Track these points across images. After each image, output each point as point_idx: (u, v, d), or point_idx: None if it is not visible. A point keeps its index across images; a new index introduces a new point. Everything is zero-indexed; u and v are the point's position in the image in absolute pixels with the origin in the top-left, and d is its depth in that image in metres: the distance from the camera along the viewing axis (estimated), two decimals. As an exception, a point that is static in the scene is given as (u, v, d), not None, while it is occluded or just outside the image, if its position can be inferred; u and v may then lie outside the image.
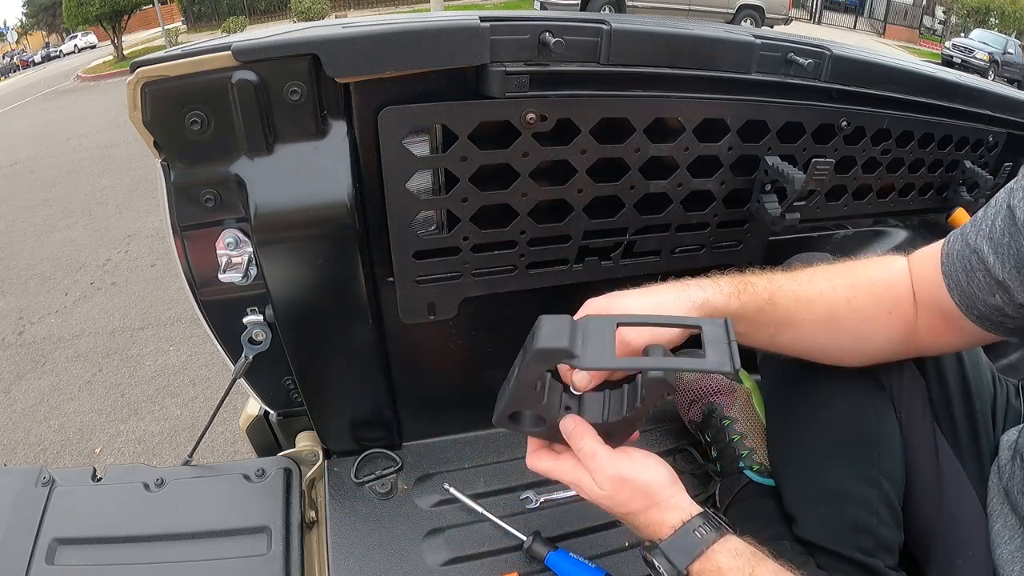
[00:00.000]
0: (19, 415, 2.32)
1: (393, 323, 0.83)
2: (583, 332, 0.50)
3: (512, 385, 0.54)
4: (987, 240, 0.54)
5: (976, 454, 0.67)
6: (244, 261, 0.72)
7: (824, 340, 0.64)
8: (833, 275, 0.63)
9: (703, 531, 0.52)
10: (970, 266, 0.56)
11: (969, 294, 0.56)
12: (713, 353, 0.48)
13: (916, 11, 17.67)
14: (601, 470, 0.54)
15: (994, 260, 0.53)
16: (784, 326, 0.62)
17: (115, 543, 0.74)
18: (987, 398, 0.69)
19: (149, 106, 0.61)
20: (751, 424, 0.86)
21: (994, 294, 0.54)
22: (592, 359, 0.49)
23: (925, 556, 0.68)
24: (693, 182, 0.83)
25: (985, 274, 0.54)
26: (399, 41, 0.62)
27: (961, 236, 0.58)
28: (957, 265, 0.57)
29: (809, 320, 0.62)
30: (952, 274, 0.57)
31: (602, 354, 0.49)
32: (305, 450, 0.90)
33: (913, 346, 0.64)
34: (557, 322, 0.51)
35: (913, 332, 0.62)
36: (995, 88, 1.06)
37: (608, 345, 0.50)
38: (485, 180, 0.73)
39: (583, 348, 0.49)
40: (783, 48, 0.80)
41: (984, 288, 0.55)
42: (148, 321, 2.90)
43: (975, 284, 0.55)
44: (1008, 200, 0.53)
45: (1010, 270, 0.52)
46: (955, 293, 0.57)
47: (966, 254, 0.56)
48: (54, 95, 11.97)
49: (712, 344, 0.49)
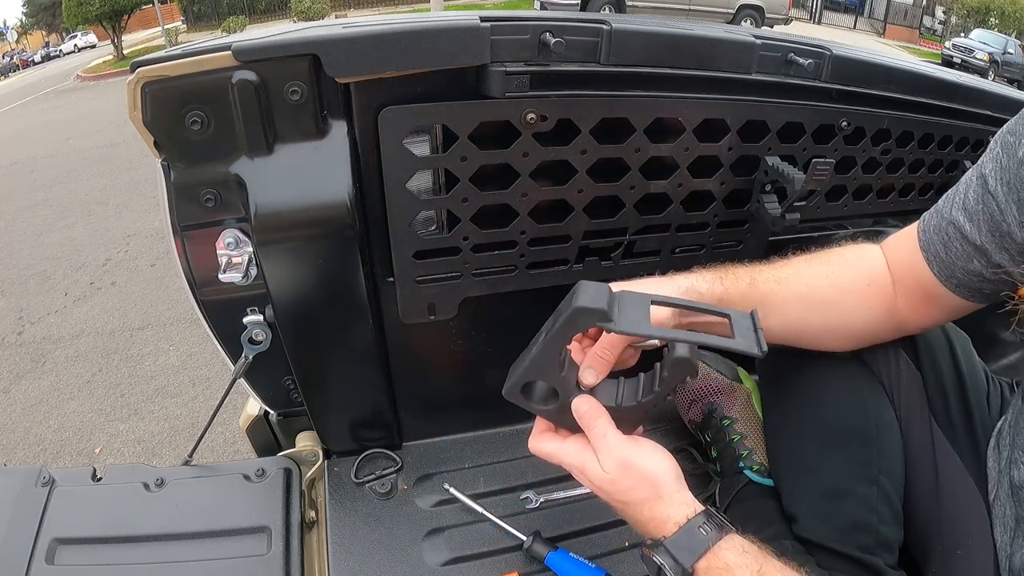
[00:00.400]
0: (19, 415, 2.32)
1: (393, 323, 0.83)
2: (619, 301, 0.53)
3: (539, 348, 0.55)
4: (962, 211, 0.58)
5: (973, 446, 0.67)
6: (244, 261, 0.72)
7: (812, 319, 0.66)
8: (810, 259, 0.67)
9: (708, 528, 0.51)
10: (947, 237, 0.59)
11: (948, 263, 0.59)
12: (742, 338, 0.51)
13: (916, 11, 17.67)
14: (609, 451, 0.54)
15: (970, 227, 0.56)
16: (770, 308, 0.63)
17: (115, 543, 0.74)
18: (981, 393, 0.70)
19: (149, 106, 0.61)
20: (751, 424, 0.86)
21: (972, 260, 0.57)
22: (627, 324, 0.51)
23: (924, 551, 0.68)
24: (693, 182, 0.83)
25: (962, 242, 0.57)
26: (399, 41, 0.62)
27: (935, 212, 0.61)
28: (935, 238, 0.60)
29: (793, 298, 0.64)
30: (930, 247, 0.60)
31: (638, 321, 0.51)
32: (305, 450, 0.90)
33: (895, 322, 0.66)
34: (597, 287, 0.53)
35: (893, 307, 0.65)
36: (995, 88, 1.06)
37: (643, 315, 0.52)
38: (485, 180, 0.73)
39: (619, 315, 0.52)
40: (783, 48, 0.80)
41: (962, 255, 0.58)
42: (148, 321, 2.90)
43: (953, 253, 0.58)
44: (979, 170, 0.57)
45: (985, 234, 0.55)
46: (934, 265, 0.60)
47: (942, 226, 0.59)
48: (54, 95, 11.97)
49: (740, 331, 0.52)
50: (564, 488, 0.88)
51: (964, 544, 0.63)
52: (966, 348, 0.72)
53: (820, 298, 0.64)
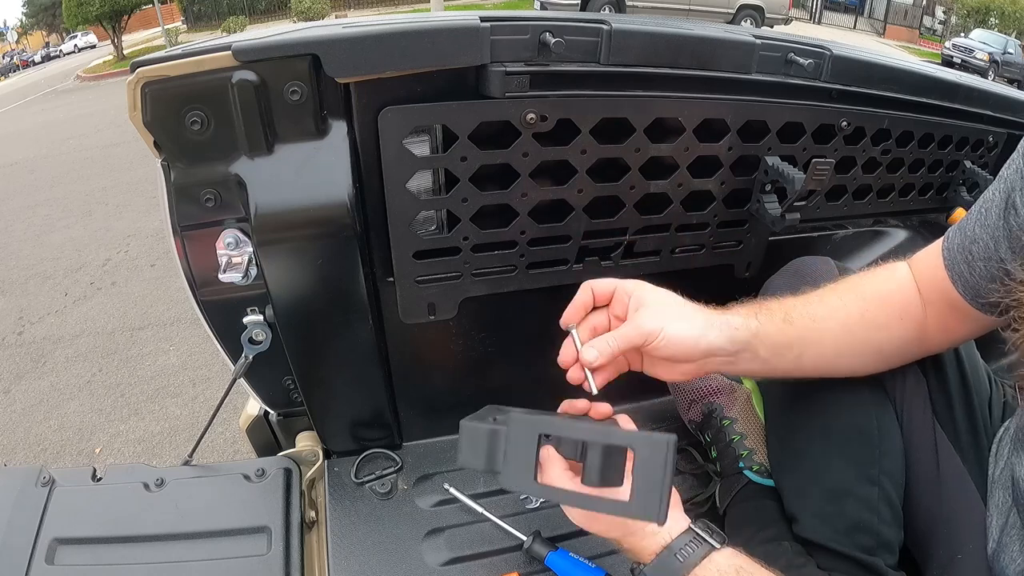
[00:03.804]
0: (19, 415, 2.32)
1: (393, 323, 0.83)
2: (507, 439, 0.48)
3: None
4: (983, 226, 0.56)
5: (976, 449, 0.67)
6: (244, 261, 0.72)
7: (845, 355, 0.65)
8: (842, 291, 0.65)
9: (687, 551, 0.53)
10: (970, 256, 0.58)
11: (972, 284, 0.58)
12: (641, 491, 0.43)
13: (916, 11, 17.67)
14: (569, 508, 0.56)
15: (993, 244, 0.55)
16: (806, 346, 0.63)
17: (115, 543, 0.74)
18: (985, 396, 0.70)
19: (149, 106, 0.61)
20: (751, 424, 0.86)
21: (994, 280, 0.56)
22: (511, 479, 0.47)
23: (925, 553, 0.68)
24: (693, 182, 0.83)
25: (985, 261, 0.56)
26: (399, 41, 0.62)
27: (959, 230, 0.60)
28: (958, 257, 0.59)
29: (830, 338, 0.63)
30: (954, 267, 0.59)
31: (521, 474, 0.47)
32: (305, 450, 0.90)
33: (923, 347, 0.66)
34: (476, 435, 0.50)
35: (923, 332, 0.64)
36: (995, 88, 1.06)
37: (529, 463, 0.47)
38: (485, 180, 0.73)
39: (505, 461, 0.47)
40: (783, 48, 0.80)
41: (985, 275, 0.57)
42: (148, 321, 2.90)
43: (977, 272, 0.57)
44: (1003, 184, 0.55)
45: (1005, 250, 0.54)
46: (959, 284, 0.59)
47: (965, 245, 0.58)
48: (54, 95, 11.97)
49: (642, 477, 0.43)
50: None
51: (965, 548, 0.63)
52: (970, 350, 0.72)
53: (856, 338, 0.64)
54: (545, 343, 0.93)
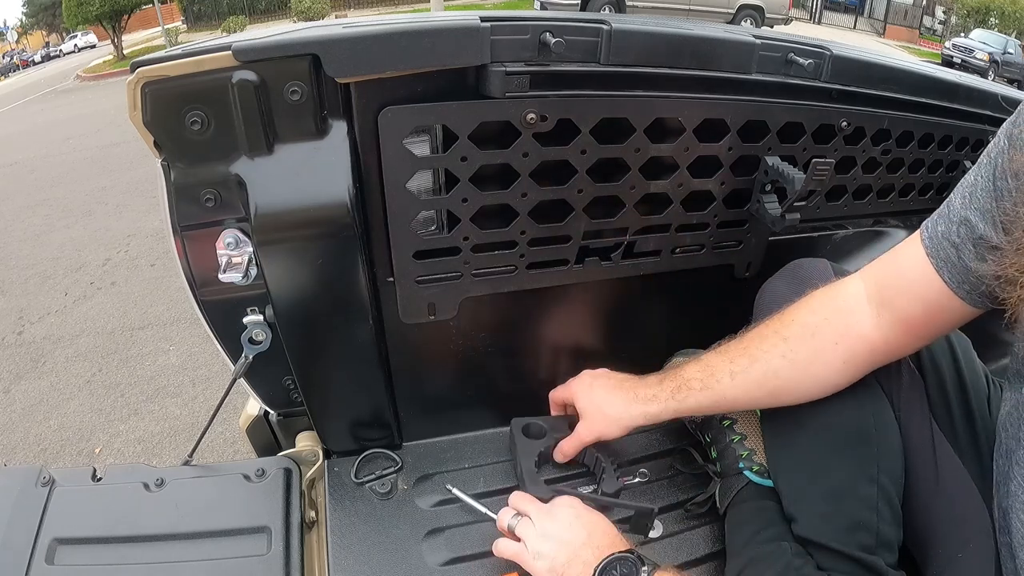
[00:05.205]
0: (19, 415, 2.32)
1: (393, 323, 0.83)
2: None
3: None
4: (972, 209, 0.57)
5: (974, 448, 0.67)
6: (244, 261, 0.72)
7: (783, 398, 0.70)
8: (767, 334, 0.69)
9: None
10: (959, 238, 0.58)
11: (961, 267, 0.58)
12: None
13: (916, 11, 17.68)
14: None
15: (983, 225, 0.55)
16: (734, 406, 0.73)
17: (115, 543, 0.74)
18: (982, 395, 0.70)
19: (149, 106, 0.61)
20: (752, 425, 0.86)
21: (984, 259, 0.56)
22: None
23: (925, 553, 0.68)
24: (693, 182, 0.83)
25: (975, 241, 0.56)
26: (399, 41, 0.62)
27: (943, 217, 0.60)
28: (944, 243, 0.59)
29: (754, 389, 0.69)
30: (940, 252, 0.59)
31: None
32: (305, 450, 0.90)
33: (881, 356, 0.67)
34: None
35: (872, 344, 0.65)
36: (995, 88, 1.06)
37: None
38: (485, 180, 0.73)
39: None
40: (783, 48, 0.80)
41: (974, 256, 0.57)
42: (148, 321, 2.90)
43: (966, 255, 0.57)
44: (990, 167, 0.57)
45: (1000, 232, 0.55)
46: (945, 271, 0.59)
47: (952, 228, 0.58)
48: (54, 95, 11.97)
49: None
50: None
51: (965, 547, 0.63)
52: (967, 350, 0.72)
53: (786, 378, 0.68)
54: (545, 343, 0.94)
